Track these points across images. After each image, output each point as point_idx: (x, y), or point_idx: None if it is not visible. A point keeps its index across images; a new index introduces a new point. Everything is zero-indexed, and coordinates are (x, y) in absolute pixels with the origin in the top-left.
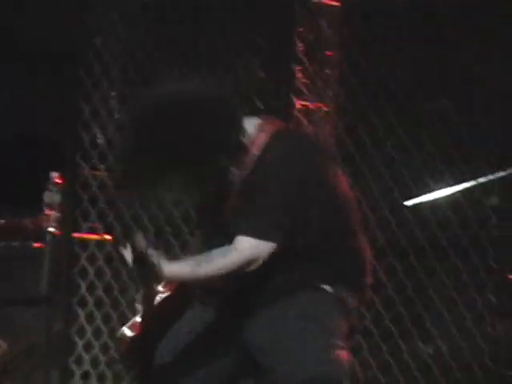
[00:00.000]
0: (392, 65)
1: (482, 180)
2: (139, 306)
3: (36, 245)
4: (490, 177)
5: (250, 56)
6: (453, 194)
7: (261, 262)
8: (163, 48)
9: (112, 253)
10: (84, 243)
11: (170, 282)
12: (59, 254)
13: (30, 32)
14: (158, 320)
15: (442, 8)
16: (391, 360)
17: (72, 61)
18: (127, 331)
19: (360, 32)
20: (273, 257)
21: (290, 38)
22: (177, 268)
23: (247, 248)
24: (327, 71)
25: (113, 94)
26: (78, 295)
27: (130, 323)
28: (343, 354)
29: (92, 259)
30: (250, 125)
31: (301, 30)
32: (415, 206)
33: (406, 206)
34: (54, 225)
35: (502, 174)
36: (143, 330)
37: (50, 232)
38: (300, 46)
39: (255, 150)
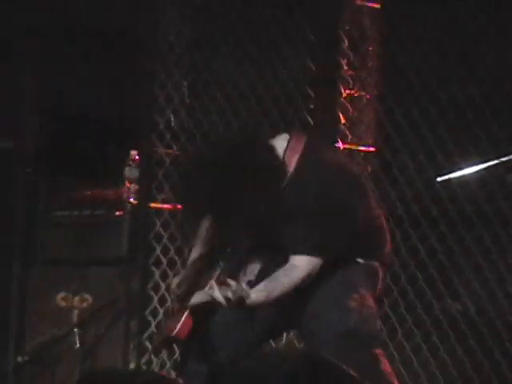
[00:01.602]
0: (425, 57)
1: (504, 159)
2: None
3: (118, 213)
4: (511, 156)
5: (304, 51)
6: (479, 172)
7: (315, 274)
8: (225, 38)
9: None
10: (159, 212)
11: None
12: (138, 221)
13: (114, 22)
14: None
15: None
16: (425, 316)
17: (147, 53)
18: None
19: (397, 30)
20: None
21: (338, 35)
22: (255, 296)
23: (305, 265)
24: (369, 63)
25: (184, 82)
26: (153, 256)
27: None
28: (374, 313)
29: (165, 226)
30: (282, 142)
31: (347, 28)
32: (446, 182)
33: (438, 182)
34: (133, 196)
35: None
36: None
37: (129, 202)
38: (346, 41)
39: (289, 168)
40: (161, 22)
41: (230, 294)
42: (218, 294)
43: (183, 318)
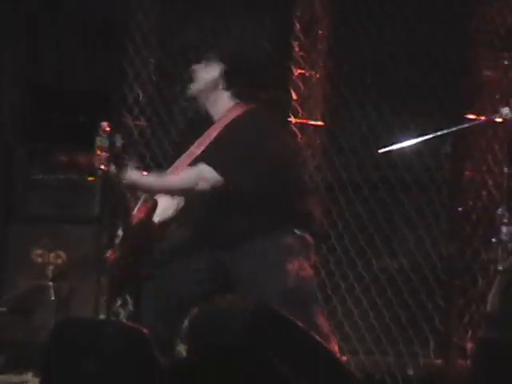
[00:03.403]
0: (370, 41)
1: (438, 133)
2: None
3: (90, 178)
4: (445, 131)
5: (261, 33)
6: (416, 144)
7: (210, 183)
8: (187, 19)
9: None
10: None
11: (138, 189)
12: (107, 186)
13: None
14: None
15: None
16: (364, 272)
17: (118, 31)
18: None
19: (344, 15)
20: (250, 200)
21: (291, 20)
22: (156, 181)
23: (205, 173)
24: (319, 46)
25: (151, 60)
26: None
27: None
28: (310, 275)
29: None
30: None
31: (299, 13)
32: (387, 152)
33: (379, 153)
34: (103, 163)
35: (453, 128)
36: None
37: (100, 168)
38: (298, 26)
39: (227, 120)
40: (130, 3)
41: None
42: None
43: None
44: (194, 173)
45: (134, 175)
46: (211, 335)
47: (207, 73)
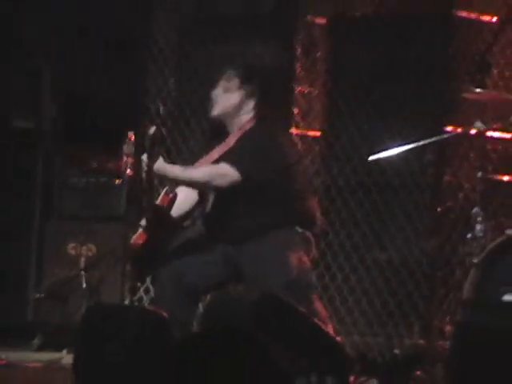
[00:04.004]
0: (362, 63)
1: (422, 143)
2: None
3: (117, 181)
4: (427, 141)
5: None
6: (403, 152)
7: (227, 180)
8: (204, 44)
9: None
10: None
11: (165, 177)
12: (133, 187)
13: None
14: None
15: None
16: (359, 264)
17: (143, 52)
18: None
19: (340, 40)
20: (260, 199)
21: (293, 44)
22: (183, 174)
23: (225, 171)
24: (317, 66)
25: (171, 78)
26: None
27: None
28: (309, 268)
29: (155, 191)
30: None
31: (300, 38)
32: (377, 159)
33: (370, 161)
34: (129, 167)
35: (434, 139)
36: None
37: (127, 173)
38: (299, 49)
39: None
40: (153, 29)
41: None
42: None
43: (137, 233)
44: (214, 168)
45: (163, 164)
46: (221, 319)
47: (227, 100)
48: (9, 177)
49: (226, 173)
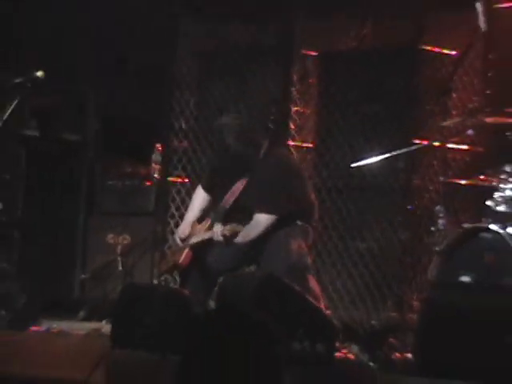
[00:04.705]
0: (347, 87)
1: (394, 153)
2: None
3: (147, 183)
4: (399, 151)
5: (269, 83)
6: (380, 160)
7: (270, 223)
8: (220, 75)
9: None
10: (174, 184)
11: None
12: (160, 189)
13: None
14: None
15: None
16: (344, 252)
17: (169, 79)
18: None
19: (329, 68)
20: None
21: (290, 73)
22: (240, 237)
23: (265, 220)
24: (310, 90)
25: (191, 99)
26: (169, 212)
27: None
28: (307, 254)
29: (177, 193)
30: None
31: (296, 67)
32: (359, 166)
33: (353, 167)
34: (157, 173)
35: (405, 150)
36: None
37: (155, 177)
38: (295, 76)
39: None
40: (177, 59)
41: (227, 232)
42: (209, 235)
43: (185, 252)
44: (256, 226)
45: (238, 238)
46: (232, 297)
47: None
48: (59, 180)
49: (267, 222)
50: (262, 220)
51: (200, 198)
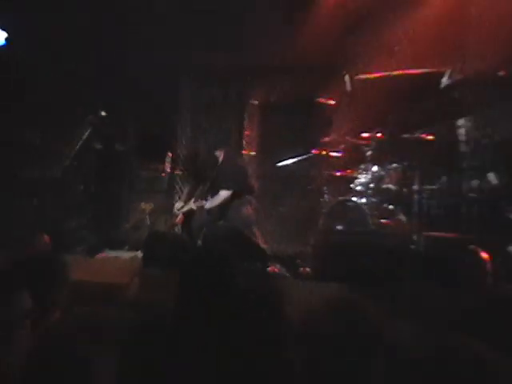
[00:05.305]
0: (276, 125)
1: (305, 156)
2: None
3: (163, 174)
4: (303, 156)
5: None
6: (295, 162)
7: (228, 195)
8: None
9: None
10: (177, 175)
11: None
12: (170, 178)
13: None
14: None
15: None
16: (272, 212)
17: (174, 111)
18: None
19: (266, 114)
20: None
21: (243, 116)
22: (208, 204)
23: (225, 194)
24: (255, 124)
25: (188, 128)
26: (175, 191)
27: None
28: (253, 214)
29: (179, 181)
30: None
31: (246, 112)
32: (282, 166)
33: (278, 166)
34: (168, 168)
35: (305, 156)
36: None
37: (167, 171)
38: (246, 118)
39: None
40: (182, 96)
41: (198, 204)
42: (193, 206)
43: (180, 216)
44: (218, 197)
45: (206, 204)
46: (211, 238)
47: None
48: (111, 171)
49: (225, 195)
50: (222, 193)
51: (190, 186)
